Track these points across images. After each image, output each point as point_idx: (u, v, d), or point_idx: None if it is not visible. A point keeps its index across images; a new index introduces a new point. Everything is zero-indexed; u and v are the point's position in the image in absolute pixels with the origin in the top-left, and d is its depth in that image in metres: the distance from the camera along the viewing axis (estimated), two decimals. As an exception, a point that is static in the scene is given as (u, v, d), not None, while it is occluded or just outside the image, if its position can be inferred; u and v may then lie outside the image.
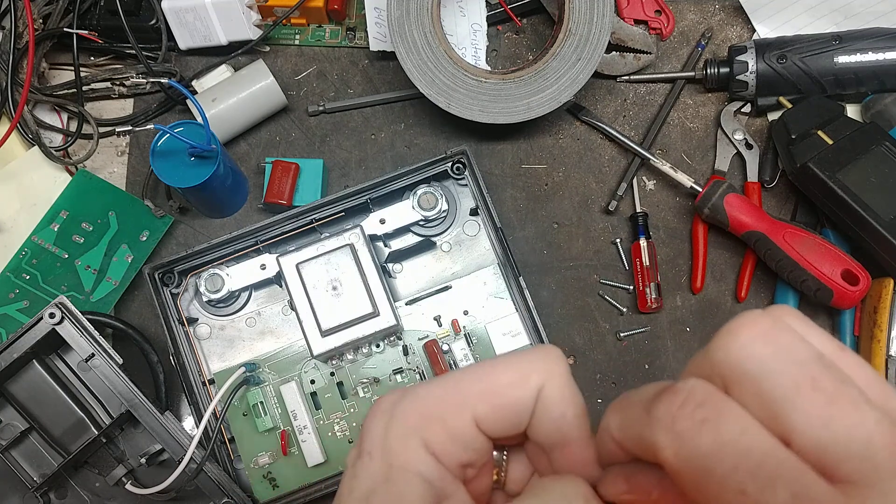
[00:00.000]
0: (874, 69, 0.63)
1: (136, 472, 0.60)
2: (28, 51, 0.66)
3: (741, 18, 0.70)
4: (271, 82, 0.67)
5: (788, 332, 0.23)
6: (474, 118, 0.64)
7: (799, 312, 0.25)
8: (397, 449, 0.28)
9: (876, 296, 0.61)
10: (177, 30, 0.69)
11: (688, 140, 0.69)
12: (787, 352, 0.22)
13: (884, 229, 0.58)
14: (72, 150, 0.70)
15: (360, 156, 0.70)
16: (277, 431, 0.62)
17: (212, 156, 0.61)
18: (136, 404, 0.58)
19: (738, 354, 0.23)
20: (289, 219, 0.64)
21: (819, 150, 0.61)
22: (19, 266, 0.66)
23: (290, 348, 0.64)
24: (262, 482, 0.62)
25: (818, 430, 0.21)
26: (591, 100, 0.70)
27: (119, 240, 0.67)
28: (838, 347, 0.24)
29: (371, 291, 0.60)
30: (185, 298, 0.65)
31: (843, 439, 0.21)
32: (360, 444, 0.29)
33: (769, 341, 0.23)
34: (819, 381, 0.22)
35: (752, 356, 0.23)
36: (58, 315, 0.58)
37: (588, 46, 0.63)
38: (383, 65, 0.72)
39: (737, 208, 0.63)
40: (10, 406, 0.60)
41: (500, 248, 0.64)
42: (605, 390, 0.66)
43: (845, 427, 0.21)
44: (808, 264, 0.60)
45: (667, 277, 0.67)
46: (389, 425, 0.29)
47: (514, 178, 0.69)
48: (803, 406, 0.21)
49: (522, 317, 0.63)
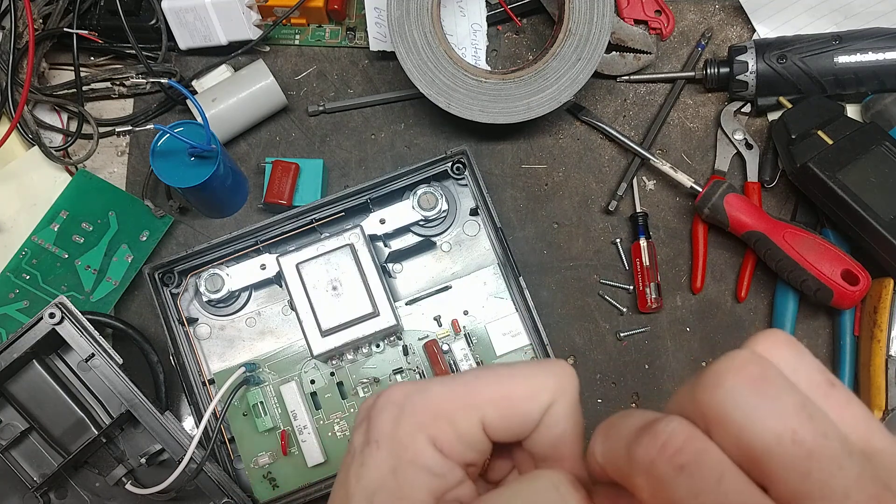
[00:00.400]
0: (874, 69, 0.63)
1: (136, 472, 0.60)
2: (28, 51, 0.66)
3: (741, 18, 0.70)
4: (271, 82, 0.67)
5: (775, 381, 0.23)
6: (474, 118, 0.64)
7: (791, 339, 0.25)
8: (406, 442, 0.29)
9: (876, 296, 0.61)
10: (177, 30, 0.69)
11: (688, 140, 0.69)
12: (771, 402, 0.23)
13: (884, 229, 0.58)
14: (72, 150, 0.70)
15: (360, 156, 0.70)
16: (277, 431, 0.62)
17: (212, 156, 0.61)
18: (136, 404, 0.58)
19: (723, 399, 0.23)
20: (289, 219, 0.64)
21: (819, 150, 0.61)
22: (19, 266, 0.66)
23: (290, 348, 0.64)
24: (262, 482, 0.62)
25: (796, 483, 0.22)
26: (591, 100, 0.70)
27: (119, 240, 0.67)
28: (828, 383, 0.24)
29: (371, 291, 0.60)
30: (185, 298, 0.65)
31: (818, 493, 0.21)
32: (366, 431, 0.30)
33: (754, 390, 0.23)
34: (800, 434, 0.22)
35: (736, 404, 0.23)
36: (58, 315, 0.58)
37: (588, 46, 0.63)
38: (383, 65, 0.72)
39: (737, 208, 0.63)
40: (10, 406, 0.60)
41: (500, 248, 0.64)
42: (605, 390, 0.66)
43: (822, 482, 0.21)
44: (808, 264, 0.60)
45: (667, 277, 0.67)
46: (400, 418, 0.29)
47: (514, 178, 0.69)
48: (782, 458, 0.22)
49: (522, 317, 0.63)
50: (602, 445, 0.26)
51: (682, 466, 0.23)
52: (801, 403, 0.23)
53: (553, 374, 0.30)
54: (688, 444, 0.23)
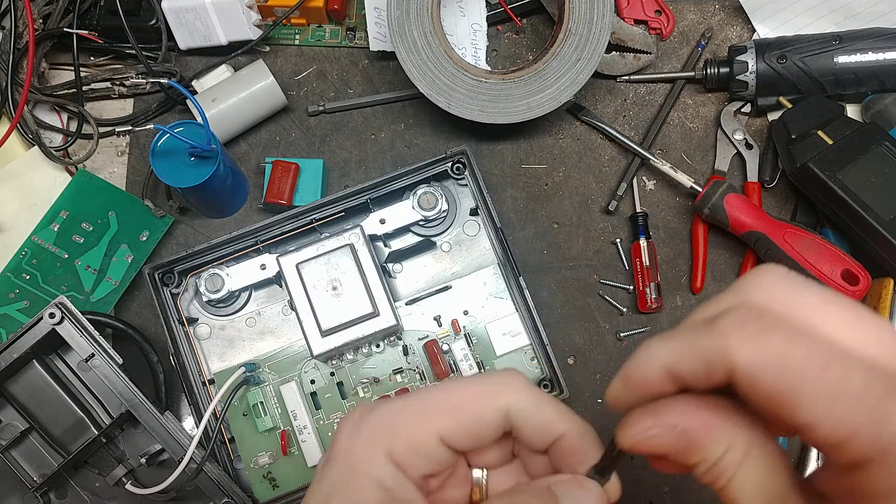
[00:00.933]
0: (874, 69, 0.63)
1: (136, 472, 0.60)
2: (28, 51, 0.66)
3: (741, 18, 0.70)
4: (271, 82, 0.67)
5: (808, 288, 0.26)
6: (474, 118, 0.64)
7: (786, 270, 0.27)
8: (360, 456, 0.30)
9: (876, 296, 0.61)
10: (177, 30, 0.69)
11: (688, 140, 0.69)
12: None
13: (884, 229, 0.58)
14: (72, 150, 0.70)
15: (360, 156, 0.70)
16: (277, 431, 0.62)
17: (212, 156, 0.61)
18: (136, 404, 0.58)
19: (766, 290, 0.26)
20: (289, 219, 0.64)
21: (819, 150, 0.61)
22: (19, 266, 0.66)
23: (290, 348, 0.64)
24: (262, 482, 0.62)
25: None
26: (591, 100, 0.70)
27: (119, 240, 0.67)
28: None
29: (371, 291, 0.60)
30: (185, 298, 0.65)
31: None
32: (328, 451, 0.32)
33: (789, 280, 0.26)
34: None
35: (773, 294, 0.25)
36: (58, 315, 0.58)
37: (588, 46, 0.63)
38: (383, 65, 0.72)
39: (737, 208, 0.63)
40: (10, 406, 0.60)
41: (500, 248, 0.64)
42: (605, 390, 0.65)
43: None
44: (808, 264, 0.60)
45: (667, 277, 0.67)
46: (355, 434, 0.31)
47: (514, 178, 0.69)
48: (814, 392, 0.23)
49: (522, 317, 0.63)
50: (668, 342, 0.26)
51: (773, 324, 0.24)
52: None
53: (500, 380, 0.31)
54: (765, 312, 0.25)
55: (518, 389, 0.31)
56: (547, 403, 0.31)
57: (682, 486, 0.64)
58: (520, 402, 0.31)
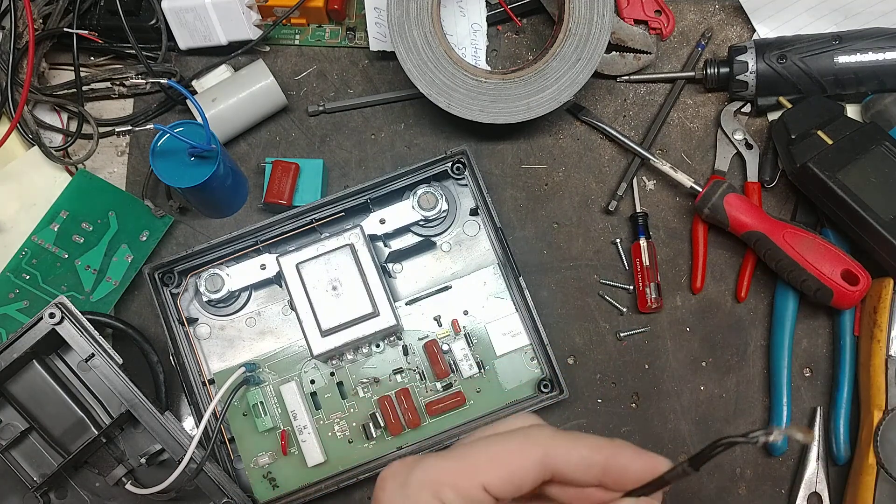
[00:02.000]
0: (874, 69, 0.63)
1: (136, 472, 0.60)
2: (28, 51, 0.66)
3: (741, 18, 0.70)
4: (271, 82, 0.67)
5: None
6: (474, 118, 0.64)
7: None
8: (415, 498, 0.33)
9: (876, 296, 0.61)
10: (177, 30, 0.69)
11: (688, 140, 0.69)
12: None
13: (884, 229, 0.58)
14: (72, 150, 0.70)
15: (360, 156, 0.70)
16: (277, 431, 0.63)
17: (212, 156, 0.61)
18: (136, 404, 0.58)
19: None
20: (289, 219, 0.64)
21: (819, 150, 0.61)
22: (19, 266, 0.66)
23: (290, 348, 0.64)
24: (262, 482, 0.62)
25: None
26: (591, 100, 0.70)
27: (119, 240, 0.67)
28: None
29: (371, 291, 0.60)
30: (185, 298, 0.65)
31: None
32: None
33: None
34: None
35: None
36: (58, 315, 0.58)
37: (588, 46, 0.63)
38: (383, 65, 0.72)
39: (737, 208, 0.63)
40: (10, 406, 0.60)
41: (500, 248, 0.64)
42: (605, 390, 0.66)
43: None
44: (808, 264, 0.60)
45: (667, 277, 0.67)
46: (405, 486, 0.33)
47: (514, 178, 0.69)
48: None
49: (522, 317, 0.63)
50: None
51: None
52: None
53: (527, 435, 0.35)
54: None
55: (548, 437, 0.34)
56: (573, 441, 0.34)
57: (683, 485, 0.64)
58: (556, 448, 0.34)
